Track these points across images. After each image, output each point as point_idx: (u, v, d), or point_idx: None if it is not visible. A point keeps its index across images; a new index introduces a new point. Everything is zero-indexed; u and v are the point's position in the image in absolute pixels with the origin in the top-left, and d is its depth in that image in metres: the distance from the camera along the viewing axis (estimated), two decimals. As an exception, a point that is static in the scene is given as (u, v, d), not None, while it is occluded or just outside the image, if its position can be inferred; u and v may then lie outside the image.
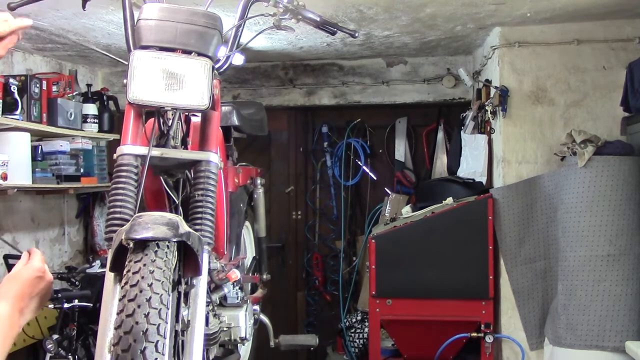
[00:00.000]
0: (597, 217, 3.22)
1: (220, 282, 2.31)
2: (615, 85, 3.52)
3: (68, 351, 3.38)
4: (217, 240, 2.30)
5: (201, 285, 1.63)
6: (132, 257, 1.43)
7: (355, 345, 4.39)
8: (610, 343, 3.18)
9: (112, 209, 1.65)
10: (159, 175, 1.91)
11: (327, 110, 5.07)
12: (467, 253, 3.53)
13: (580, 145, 3.26)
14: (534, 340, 3.55)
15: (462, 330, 3.52)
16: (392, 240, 3.61)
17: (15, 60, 4.02)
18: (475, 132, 4.07)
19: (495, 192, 3.58)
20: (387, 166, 5.08)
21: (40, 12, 3.19)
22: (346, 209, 5.09)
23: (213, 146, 1.82)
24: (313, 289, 5.19)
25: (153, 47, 1.68)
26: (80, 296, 3.43)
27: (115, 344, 1.34)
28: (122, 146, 1.71)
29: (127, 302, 1.36)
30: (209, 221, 1.74)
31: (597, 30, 3.58)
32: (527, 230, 3.54)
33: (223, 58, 1.85)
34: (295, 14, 1.92)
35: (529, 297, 3.54)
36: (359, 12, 3.32)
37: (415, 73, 4.72)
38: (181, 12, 1.69)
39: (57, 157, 3.80)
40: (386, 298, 3.58)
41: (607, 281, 3.20)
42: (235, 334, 2.44)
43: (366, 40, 4.07)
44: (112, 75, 4.80)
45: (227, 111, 2.88)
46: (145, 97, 1.66)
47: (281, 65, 4.83)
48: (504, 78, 3.65)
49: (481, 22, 3.59)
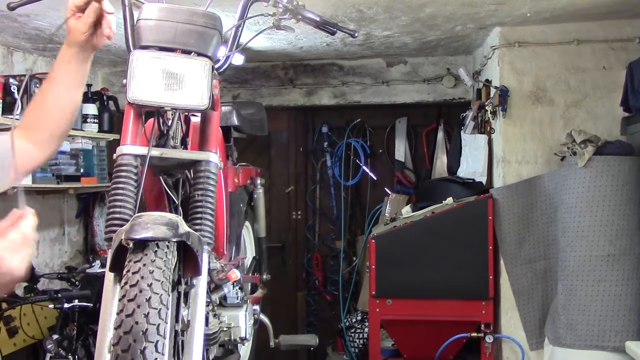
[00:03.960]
0: (597, 217, 3.22)
1: (220, 282, 2.31)
2: (615, 85, 3.51)
3: (68, 351, 3.38)
4: (217, 240, 2.31)
5: (201, 285, 1.62)
6: (132, 257, 1.43)
7: (355, 345, 4.39)
8: (610, 343, 3.18)
9: (112, 209, 1.65)
10: (159, 175, 1.91)
11: (327, 110, 5.07)
12: (467, 253, 3.53)
13: (580, 145, 3.25)
14: (534, 340, 3.55)
15: (462, 330, 3.52)
16: (392, 240, 3.61)
17: (15, 60, 4.02)
18: (475, 132, 4.07)
19: (495, 192, 3.58)
20: (387, 166, 5.08)
21: (40, 12, 3.19)
22: (346, 209, 5.09)
23: (213, 146, 1.82)
24: (313, 289, 5.19)
25: (153, 47, 1.68)
26: (80, 296, 3.43)
27: (115, 344, 1.34)
28: (122, 146, 1.71)
29: (126, 302, 1.36)
30: (209, 221, 1.74)
31: (597, 30, 3.58)
32: (527, 230, 3.54)
33: (223, 58, 1.85)
34: (294, 14, 1.92)
35: (529, 297, 3.54)
36: (359, 12, 3.32)
37: (415, 73, 4.72)
38: (181, 12, 1.69)
39: (57, 157, 3.79)
40: (386, 298, 3.58)
41: (607, 281, 3.20)
42: (235, 334, 2.44)
43: (366, 40, 4.07)
44: (112, 75, 4.80)
45: (227, 111, 2.88)
46: (144, 97, 1.66)
47: (281, 65, 4.83)
48: (504, 78, 3.65)
49: (481, 22, 3.59)
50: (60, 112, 1.72)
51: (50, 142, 1.73)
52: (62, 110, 1.72)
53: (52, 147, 1.75)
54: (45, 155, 1.74)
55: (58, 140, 1.75)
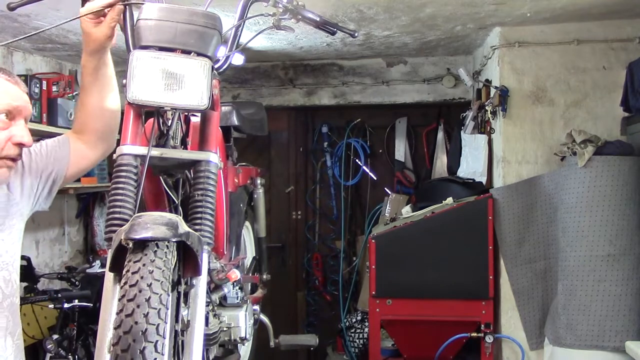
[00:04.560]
0: (597, 217, 3.22)
1: (220, 282, 2.31)
2: (615, 85, 3.51)
3: (68, 351, 3.38)
4: (217, 240, 2.31)
5: (201, 285, 1.62)
6: (132, 257, 1.43)
7: (355, 345, 4.39)
8: (610, 343, 3.18)
9: (112, 209, 1.65)
10: (159, 175, 1.91)
11: (327, 110, 5.07)
12: (467, 253, 3.53)
13: (580, 145, 3.25)
14: (534, 340, 3.55)
15: (462, 330, 3.52)
16: (392, 240, 3.61)
17: (15, 60, 4.02)
18: (475, 132, 4.07)
19: (495, 192, 3.58)
20: (387, 166, 5.08)
21: (40, 12, 3.19)
22: (346, 209, 5.09)
23: (213, 146, 1.82)
24: (313, 289, 5.19)
25: (152, 47, 1.68)
26: (80, 296, 3.43)
27: (115, 343, 1.33)
28: (122, 146, 1.71)
29: (126, 302, 1.36)
30: (209, 221, 1.73)
31: (597, 30, 3.58)
32: (527, 230, 3.54)
33: (223, 58, 1.84)
34: (294, 14, 1.92)
35: (529, 297, 3.54)
36: (359, 12, 3.32)
37: (415, 73, 4.72)
38: (180, 12, 1.69)
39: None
40: (386, 298, 3.58)
41: (607, 281, 3.20)
42: (235, 334, 2.44)
43: (366, 40, 4.07)
44: (112, 75, 4.80)
45: (227, 111, 2.88)
46: (144, 97, 1.66)
47: (281, 65, 4.84)
48: (504, 78, 3.65)
49: (481, 22, 3.59)
50: (100, 115, 1.87)
51: (100, 142, 1.90)
52: (102, 113, 1.87)
53: (105, 147, 1.93)
54: (98, 154, 1.93)
55: (108, 139, 1.92)
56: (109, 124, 1.90)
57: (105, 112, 1.88)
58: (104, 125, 1.90)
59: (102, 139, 1.91)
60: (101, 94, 1.86)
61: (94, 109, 1.86)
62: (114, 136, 1.94)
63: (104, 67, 1.84)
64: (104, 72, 1.85)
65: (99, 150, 1.93)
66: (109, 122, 1.90)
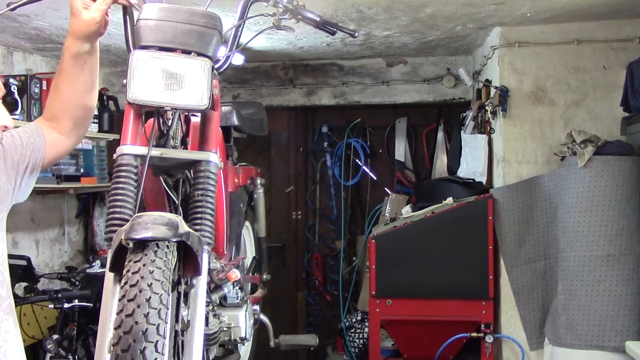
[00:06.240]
0: (597, 217, 3.22)
1: (220, 282, 2.31)
2: (615, 85, 3.52)
3: (68, 351, 3.38)
4: (217, 240, 2.30)
5: (201, 285, 1.62)
6: (132, 257, 1.43)
7: (355, 345, 4.39)
8: (610, 343, 3.18)
9: (112, 209, 1.65)
10: (159, 175, 1.91)
11: (327, 110, 5.07)
12: (467, 253, 3.53)
13: (580, 145, 3.26)
14: (534, 340, 3.55)
15: (462, 330, 3.52)
16: (392, 240, 3.61)
17: (15, 60, 4.02)
18: (475, 132, 4.07)
19: (495, 192, 3.58)
20: (387, 166, 5.08)
21: (40, 12, 3.19)
22: (346, 209, 5.09)
23: (213, 146, 1.82)
24: (313, 289, 5.19)
25: (153, 47, 1.68)
26: (80, 296, 3.43)
27: (115, 343, 1.34)
28: (122, 146, 1.71)
29: (126, 302, 1.36)
30: (209, 221, 1.74)
31: (597, 30, 3.58)
32: (527, 230, 3.54)
33: (223, 58, 1.84)
34: (295, 14, 1.92)
35: (529, 297, 3.54)
36: (359, 12, 3.32)
37: (415, 73, 4.72)
38: (181, 12, 1.69)
39: (57, 157, 3.79)
40: (386, 298, 3.58)
41: (607, 281, 3.20)
42: (235, 334, 2.44)
43: (366, 40, 4.07)
44: (112, 75, 4.80)
45: (227, 111, 2.87)
46: (144, 97, 1.66)
47: (281, 65, 4.83)
48: (504, 78, 3.65)
49: (481, 22, 3.59)
50: (74, 106, 1.81)
51: (75, 129, 1.84)
52: (76, 104, 1.81)
53: (80, 132, 1.88)
54: (73, 142, 1.88)
55: (83, 125, 1.87)
56: (83, 115, 1.83)
57: (80, 105, 1.80)
58: (78, 117, 1.82)
59: (77, 126, 1.83)
60: (77, 84, 1.76)
61: (68, 98, 1.78)
62: (88, 122, 1.88)
63: (87, 56, 1.74)
64: (87, 62, 1.75)
65: (74, 137, 1.85)
66: (83, 114, 1.83)
